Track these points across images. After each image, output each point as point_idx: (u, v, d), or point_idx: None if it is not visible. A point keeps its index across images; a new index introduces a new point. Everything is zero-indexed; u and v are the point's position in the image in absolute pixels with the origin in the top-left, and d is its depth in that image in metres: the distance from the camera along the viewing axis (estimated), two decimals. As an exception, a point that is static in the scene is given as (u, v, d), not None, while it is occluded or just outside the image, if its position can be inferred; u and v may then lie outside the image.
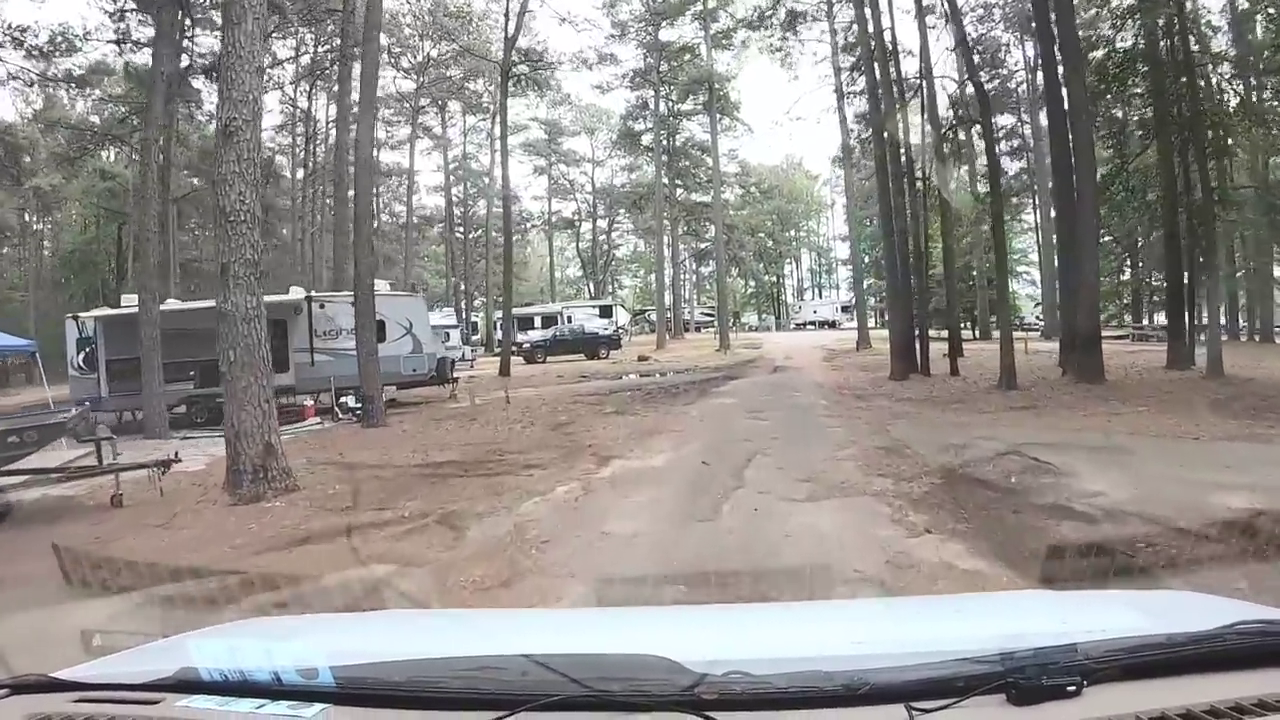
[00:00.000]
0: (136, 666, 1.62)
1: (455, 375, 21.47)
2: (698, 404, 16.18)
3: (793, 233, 72.32)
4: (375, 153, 29.81)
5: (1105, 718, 1.32)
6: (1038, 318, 46.85)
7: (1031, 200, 40.96)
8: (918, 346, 21.04)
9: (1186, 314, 20.12)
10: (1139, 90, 19.89)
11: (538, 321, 45.64)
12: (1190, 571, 4.63)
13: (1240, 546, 4.98)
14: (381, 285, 19.14)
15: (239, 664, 1.49)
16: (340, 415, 16.47)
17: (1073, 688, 1.37)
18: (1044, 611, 2.14)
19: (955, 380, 19.06)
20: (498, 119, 51.70)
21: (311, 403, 17.27)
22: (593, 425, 13.13)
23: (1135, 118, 20.66)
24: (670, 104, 43.72)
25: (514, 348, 34.34)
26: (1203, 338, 19.69)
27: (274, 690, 1.44)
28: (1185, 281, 20.35)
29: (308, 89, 41.41)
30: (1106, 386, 15.38)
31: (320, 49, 36.76)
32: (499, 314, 45.67)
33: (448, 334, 32.91)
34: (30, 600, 4.98)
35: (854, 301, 78.30)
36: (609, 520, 6.86)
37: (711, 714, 1.31)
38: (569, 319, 42.46)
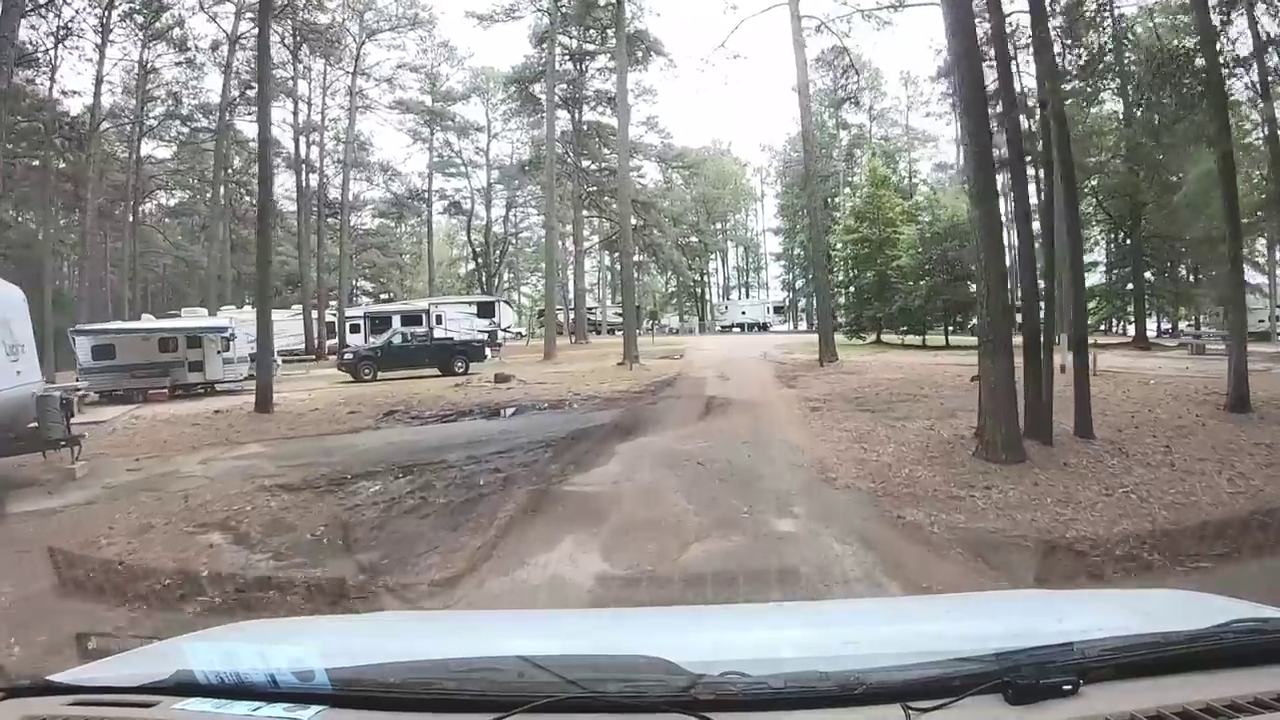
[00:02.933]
0: (132, 670, 1.57)
1: (76, 434, 11.46)
2: (476, 582, 6.08)
3: (719, 225, 64.65)
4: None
5: (1102, 716, 1.28)
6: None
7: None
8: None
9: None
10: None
11: (397, 323, 34.39)
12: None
13: None
14: None
15: (235, 667, 1.43)
16: None
17: (1069, 687, 1.32)
18: (1040, 611, 2.05)
19: (1123, 462, 9.18)
20: (354, 70, 37.05)
21: None
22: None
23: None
24: (570, 44, 29.31)
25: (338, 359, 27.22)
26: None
27: (270, 693, 1.39)
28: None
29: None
30: None
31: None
32: (356, 310, 37.44)
33: (227, 341, 24.03)
34: None
35: (788, 302, 65.39)
36: None
37: (708, 714, 1.27)
38: (438, 319, 27.67)
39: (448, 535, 6.61)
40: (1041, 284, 12.17)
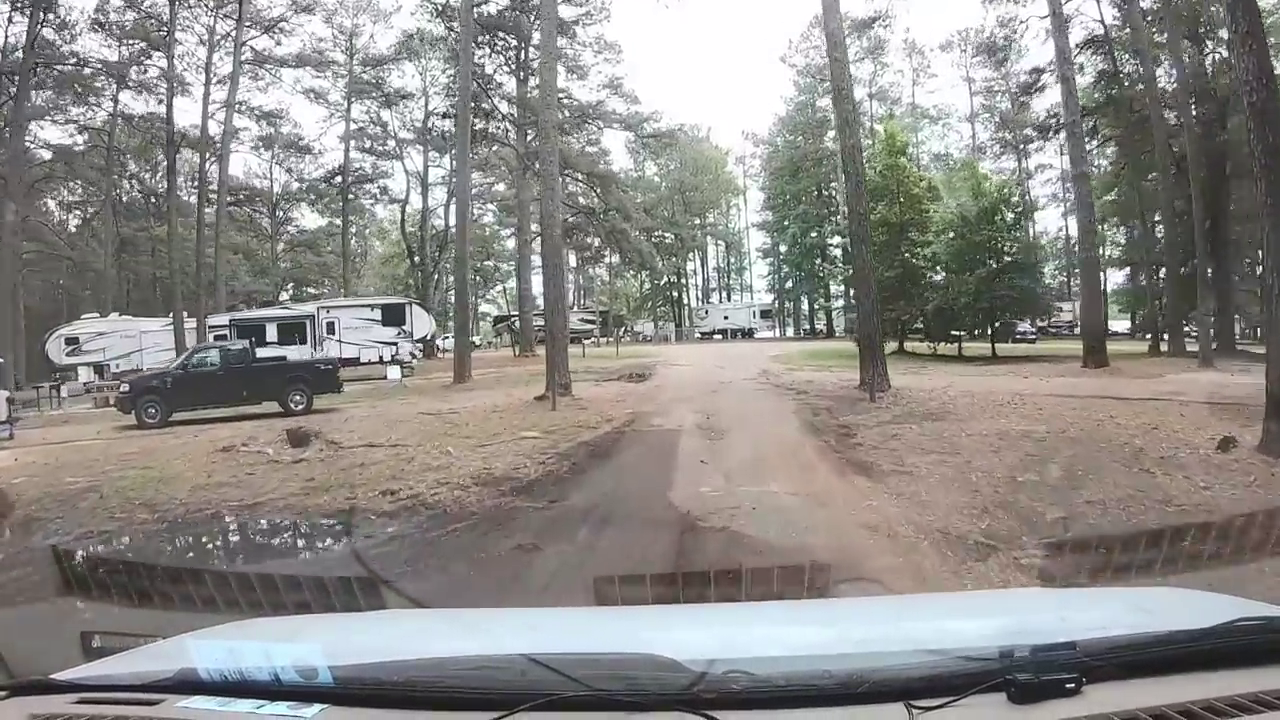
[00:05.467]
0: (136, 668, 1.55)
1: None
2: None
3: (698, 220, 53.24)
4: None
5: (1104, 715, 1.26)
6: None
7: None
8: None
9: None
10: None
11: (271, 332, 25.52)
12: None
13: None
14: None
15: (238, 664, 1.42)
16: None
17: (1072, 685, 1.29)
18: (1043, 609, 1.99)
19: None
20: (239, 16, 25.17)
21: None
22: None
23: None
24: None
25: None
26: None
27: (273, 691, 1.38)
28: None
29: None
30: None
31: None
32: (221, 319, 26.49)
33: None
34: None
35: (776, 305, 54.80)
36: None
37: (711, 713, 1.26)
38: (328, 328, 26.74)
39: None
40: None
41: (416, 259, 42.32)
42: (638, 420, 13.09)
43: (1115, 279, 47.13)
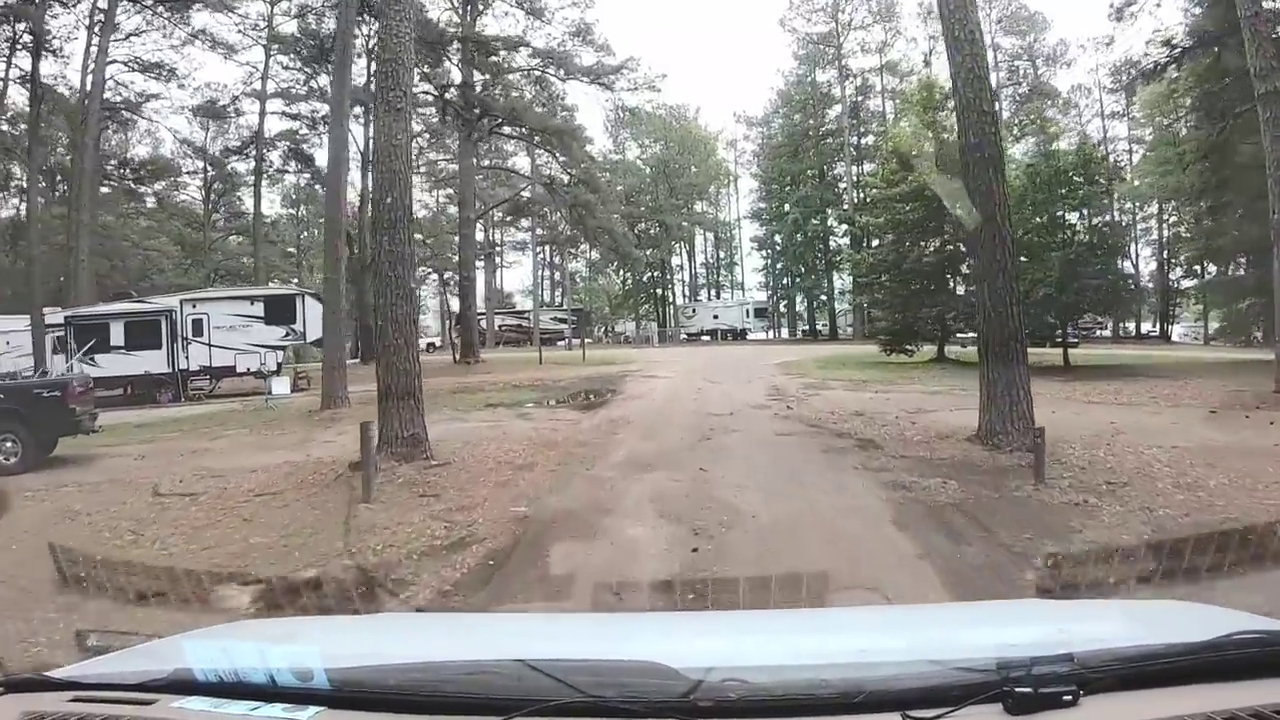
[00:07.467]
0: (131, 666, 1.52)
1: None
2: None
3: (685, 208, 44.28)
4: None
5: None
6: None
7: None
8: None
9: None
10: None
11: (117, 334, 19.18)
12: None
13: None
14: None
15: (234, 665, 1.39)
16: None
17: (1069, 697, 1.26)
18: (1041, 620, 1.92)
19: None
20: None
21: None
22: None
23: None
24: None
25: None
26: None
27: (269, 692, 1.36)
28: None
29: None
30: None
31: None
32: (54, 317, 19.57)
33: None
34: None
35: (771, 303, 47.53)
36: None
37: None
38: (193, 326, 19.34)
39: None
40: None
41: (355, 247, 35.49)
42: (519, 551, 5.64)
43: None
